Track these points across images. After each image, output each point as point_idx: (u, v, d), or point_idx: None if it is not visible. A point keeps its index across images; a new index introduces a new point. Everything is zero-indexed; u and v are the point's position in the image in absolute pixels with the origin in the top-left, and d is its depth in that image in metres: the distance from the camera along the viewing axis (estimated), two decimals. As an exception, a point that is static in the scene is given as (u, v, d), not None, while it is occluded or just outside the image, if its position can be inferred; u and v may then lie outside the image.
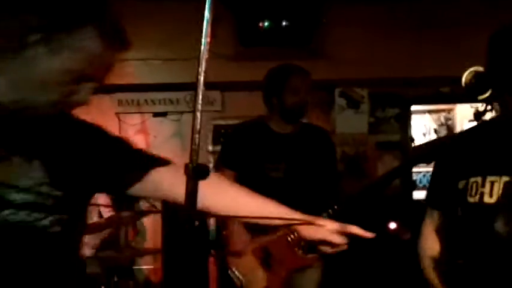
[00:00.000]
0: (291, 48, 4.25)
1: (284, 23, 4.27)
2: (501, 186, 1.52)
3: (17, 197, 1.19)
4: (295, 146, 2.76)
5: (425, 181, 5.03)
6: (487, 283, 1.50)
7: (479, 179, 1.57)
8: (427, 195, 1.81)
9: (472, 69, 1.27)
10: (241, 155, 2.71)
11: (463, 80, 1.28)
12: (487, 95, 1.28)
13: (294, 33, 4.30)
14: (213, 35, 1.06)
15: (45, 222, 1.22)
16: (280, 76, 2.73)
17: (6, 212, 1.18)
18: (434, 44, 4.19)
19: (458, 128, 5.26)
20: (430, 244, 1.76)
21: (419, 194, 4.43)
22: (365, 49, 4.31)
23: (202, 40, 1.07)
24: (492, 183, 1.54)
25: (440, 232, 1.75)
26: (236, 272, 2.53)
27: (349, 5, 4.28)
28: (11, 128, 1.23)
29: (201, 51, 1.08)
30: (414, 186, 4.56)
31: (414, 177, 4.93)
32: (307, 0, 4.34)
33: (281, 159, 2.71)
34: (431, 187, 1.80)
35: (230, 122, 4.02)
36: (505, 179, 1.51)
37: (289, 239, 2.51)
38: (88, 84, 1.25)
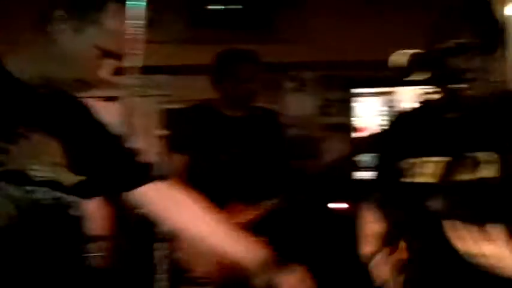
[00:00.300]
0: (241, 30, 4.24)
1: (234, 5, 4.25)
2: (438, 166, 1.57)
3: (37, 173, 1.17)
4: (246, 129, 2.77)
5: (367, 162, 5.12)
6: (424, 261, 1.57)
7: (416, 160, 1.62)
8: (373, 176, 1.86)
9: (401, 51, 1.32)
10: (191, 138, 2.70)
11: (400, 61, 1.33)
12: (420, 75, 1.33)
13: (245, 16, 4.29)
14: (156, 18, 1.07)
15: (65, 201, 1.23)
16: (231, 63, 2.70)
17: (28, 188, 1.16)
18: (380, 27, 4.27)
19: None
20: (370, 225, 1.80)
21: (361, 174, 4.52)
22: (313, 32, 4.35)
23: (133, 22, 1.08)
24: (429, 164, 1.59)
25: (380, 212, 1.81)
26: (181, 254, 2.49)
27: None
28: (30, 105, 1.21)
29: (132, 34, 1.08)
30: (356, 166, 4.65)
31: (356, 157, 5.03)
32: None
33: (231, 143, 2.72)
34: (376, 168, 1.85)
35: (179, 106, 4.00)
36: (442, 159, 1.57)
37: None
38: (111, 62, 1.24)
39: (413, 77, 1.34)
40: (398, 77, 1.34)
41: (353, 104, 4.71)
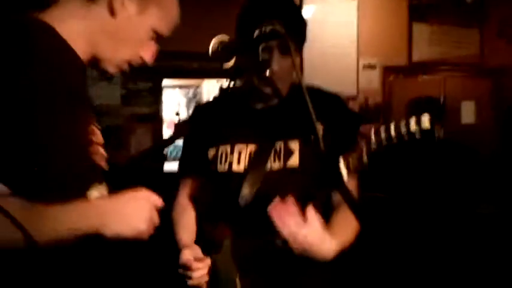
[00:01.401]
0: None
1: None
2: (247, 154, 1.62)
3: None
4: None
5: (175, 153, 5.20)
6: (236, 244, 1.59)
7: (228, 148, 1.65)
8: (180, 165, 1.83)
9: (219, 36, 1.37)
10: None
11: (210, 47, 1.38)
12: (231, 63, 1.38)
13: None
14: None
15: None
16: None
17: None
18: (185, 18, 4.32)
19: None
20: (185, 211, 1.78)
21: (169, 166, 4.57)
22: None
23: None
24: (240, 151, 1.63)
25: (194, 199, 1.81)
26: None
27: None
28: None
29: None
30: (165, 158, 4.69)
31: (165, 149, 5.07)
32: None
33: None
34: (184, 156, 1.83)
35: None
36: (251, 147, 1.63)
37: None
38: (154, 44, 1.22)
39: (228, 64, 1.37)
40: (219, 63, 1.36)
41: (161, 95, 4.73)
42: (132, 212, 1.12)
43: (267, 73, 1.37)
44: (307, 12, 4.88)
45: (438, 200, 3.12)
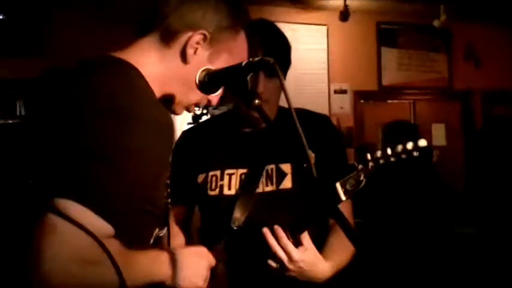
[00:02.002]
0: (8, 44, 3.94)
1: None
2: (238, 178, 1.63)
3: None
4: None
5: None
6: (231, 268, 1.57)
7: (218, 172, 1.65)
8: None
9: (204, 67, 1.37)
10: None
11: (197, 77, 1.38)
12: (219, 92, 1.38)
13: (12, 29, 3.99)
14: None
15: None
16: None
17: None
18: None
19: (179, 130, 5.49)
20: (175, 237, 1.74)
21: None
22: (87, 50, 4.20)
23: None
24: (230, 175, 1.64)
25: (184, 225, 1.78)
26: None
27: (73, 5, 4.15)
28: None
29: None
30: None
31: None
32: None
33: None
34: (172, 183, 1.83)
35: None
36: (242, 171, 1.63)
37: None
38: (221, 88, 1.21)
39: (216, 94, 1.37)
40: (205, 92, 1.37)
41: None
42: (196, 270, 1.21)
43: (256, 102, 1.37)
44: (277, 38, 4.91)
45: (414, 224, 3.13)
